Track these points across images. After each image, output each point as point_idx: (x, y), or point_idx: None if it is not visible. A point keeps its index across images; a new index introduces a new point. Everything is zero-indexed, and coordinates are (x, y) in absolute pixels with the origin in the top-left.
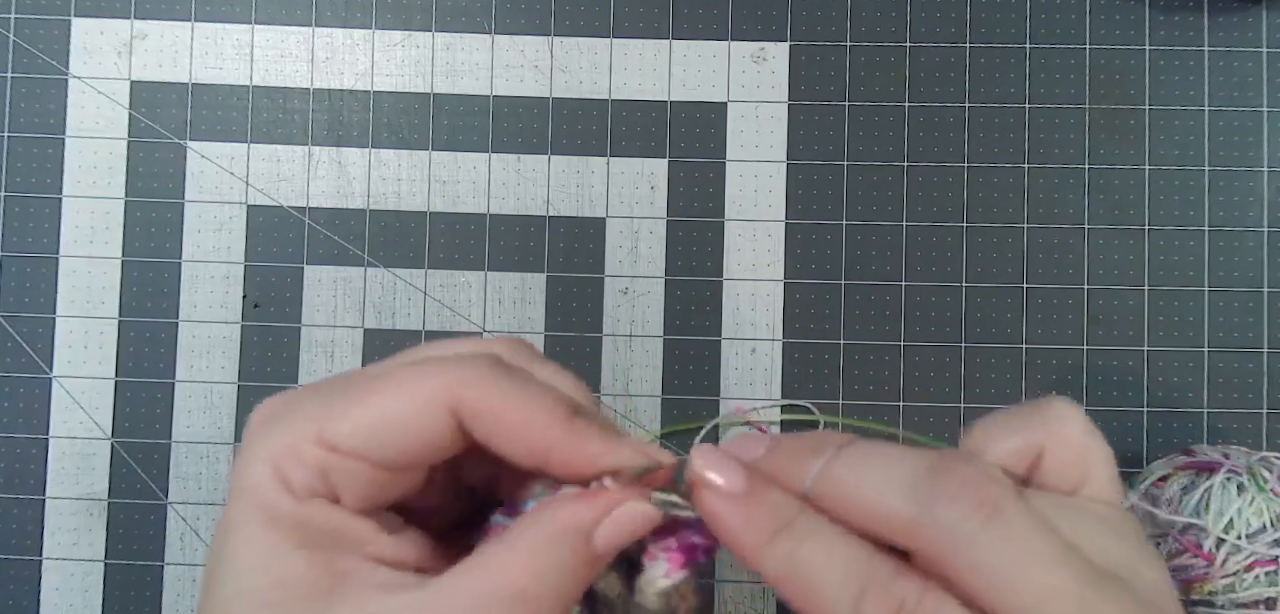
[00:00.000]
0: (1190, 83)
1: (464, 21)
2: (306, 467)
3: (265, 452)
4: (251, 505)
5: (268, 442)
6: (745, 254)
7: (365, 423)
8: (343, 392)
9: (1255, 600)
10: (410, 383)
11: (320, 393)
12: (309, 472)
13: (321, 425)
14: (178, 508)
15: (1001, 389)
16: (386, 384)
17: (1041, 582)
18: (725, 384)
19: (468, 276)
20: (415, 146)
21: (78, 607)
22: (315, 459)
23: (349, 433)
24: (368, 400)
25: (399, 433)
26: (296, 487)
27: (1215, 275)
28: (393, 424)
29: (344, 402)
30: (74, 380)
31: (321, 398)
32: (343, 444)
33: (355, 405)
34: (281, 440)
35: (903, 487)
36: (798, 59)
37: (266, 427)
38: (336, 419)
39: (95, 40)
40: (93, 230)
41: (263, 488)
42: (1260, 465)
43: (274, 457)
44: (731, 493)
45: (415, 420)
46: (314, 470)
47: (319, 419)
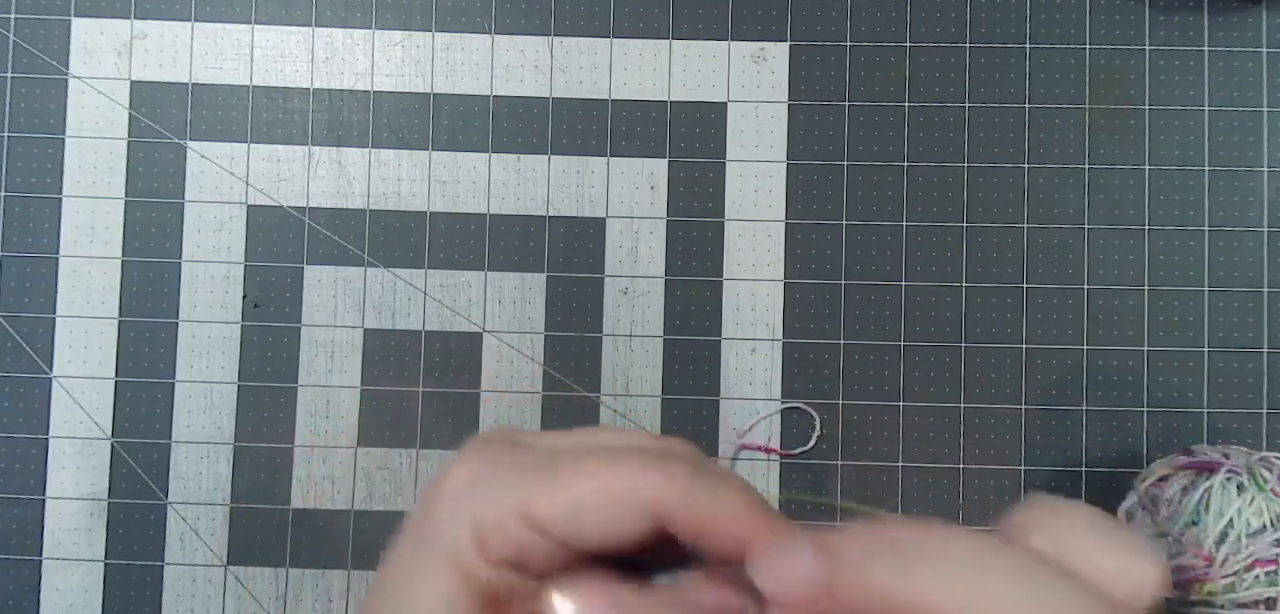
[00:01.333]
0: (1190, 83)
1: (464, 21)
2: (506, 539)
3: (470, 516)
4: (450, 566)
5: (473, 506)
6: (745, 254)
7: (566, 510)
8: (548, 471)
9: (1255, 600)
10: (614, 476)
11: (525, 466)
12: (507, 544)
13: (526, 504)
14: (178, 508)
15: (1001, 389)
16: (591, 472)
17: None
18: (725, 384)
19: (468, 276)
20: (415, 146)
21: (78, 607)
22: (516, 535)
23: (551, 517)
24: (571, 488)
25: (597, 523)
26: (492, 554)
27: (1215, 275)
28: (592, 515)
29: (550, 484)
30: (74, 380)
31: (526, 473)
32: (544, 526)
33: (559, 491)
34: (487, 510)
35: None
36: (798, 59)
37: (472, 489)
38: (541, 502)
39: (95, 40)
40: (93, 230)
41: (463, 550)
42: (1260, 465)
43: (478, 524)
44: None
45: (614, 514)
46: (511, 544)
47: (524, 496)
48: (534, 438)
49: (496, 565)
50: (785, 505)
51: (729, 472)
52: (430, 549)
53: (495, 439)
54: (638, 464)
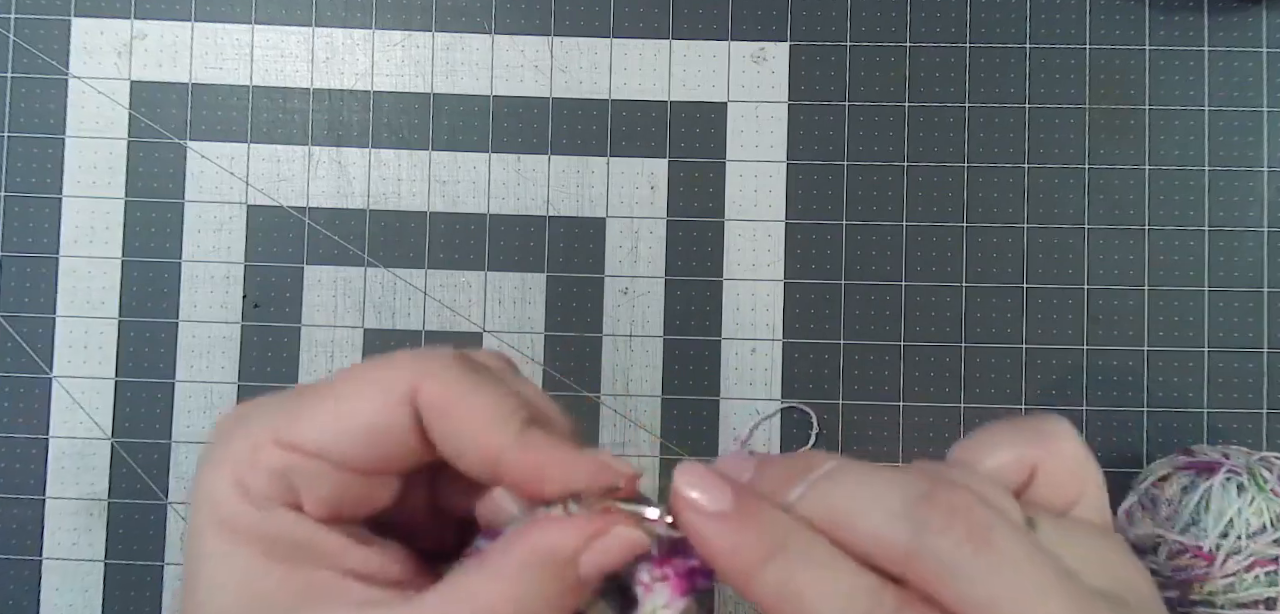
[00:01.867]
0: (1190, 83)
1: (464, 21)
2: (266, 471)
3: (224, 458)
4: (212, 517)
5: (227, 448)
6: (745, 254)
7: (322, 420)
8: (301, 393)
9: (1255, 600)
10: (369, 378)
11: (281, 397)
12: (268, 476)
13: (279, 427)
14: (178, 508)
15: (1001, 389)
16: (345, 381)
17: (1034, 611)
18: (725, 384)
19: (468, 276)
20: (415, 146)
21: (78, 607)
22: (274, 461)
23: (306, 431)
24: (325, 398)
25: (357, 428)
26: (255, 494)
27: (1215, 275)
28: (351, 419)
29: (301, 402)
30: (74, 380)
31: (281, 401)
32: (301, 443)
33: (313, 404)
34: (240, 446)
35: (895, 513)
36: (798, 59)
37: (224, 437)
38: (294, 419)
39: (95, 40)
40: (93, 230)
41: (222, 497)
42: (1260, 465)
43: (233, 463)
44: (719, 513)
45: (373, 415)
46: (273, 474)
47: (277, 421)
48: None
49: (266, 508)
50: None
51: (520, 383)
52: (200, 510)
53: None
54: (396, 359)
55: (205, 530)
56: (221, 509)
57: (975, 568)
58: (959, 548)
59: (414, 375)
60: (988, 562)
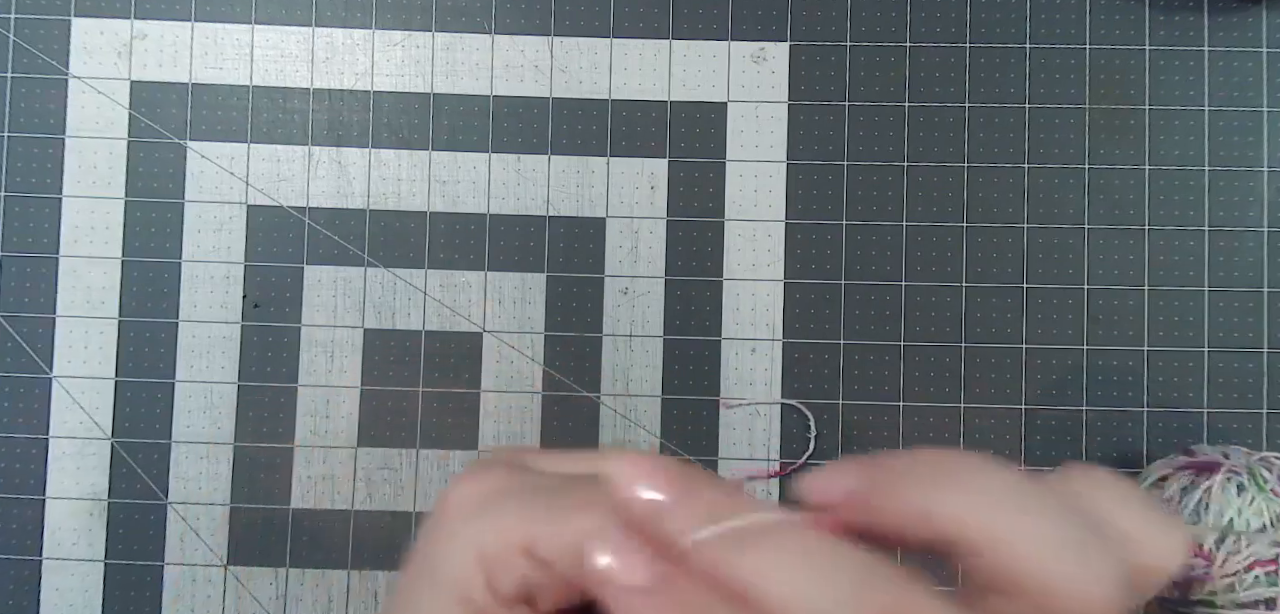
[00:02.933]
0: (1190, 83)
1: (464, 21)
2: (514, 577)
3: (474, 547)
4: (456, 600)
5: (478, 536)
6: (745, 254)
7: (572, 544)
8: (550, 500)
9: (1255, 601)
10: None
11: (532, 495)
12: (516, 580)
13: (532, 537)
14: (178, 508)
15: (1001, 389)
16: (599, 507)
17: None
18: (725, 384)
19: (468, 276)
20: (415, 146)
21: (78, 607)
22: (523, 571)
23: (558, 551)
24: (574, 520)
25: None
26: (503, 592)
27: (1215, 275)
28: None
29: (554, 515)
30: (74, 380)
31: (534, 502)
32: (551, 560)
33: (563, 523)
34: (492, 540)
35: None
36: (798, 59)
37: (475, 517)
38: (547, 535)
39: (95, 40)
40: (93, 230)
41: (471, 584)
42: (1260, 465)
43: (485, 556)
44: (635, 588)
45: None
46: (520, 581)
47: (529, 528)
48: (538, 460)
49: (508, 604)
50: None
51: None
52: (438, 583)
53: (499, 461)
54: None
55: (444, 601)
56: (470, 595)
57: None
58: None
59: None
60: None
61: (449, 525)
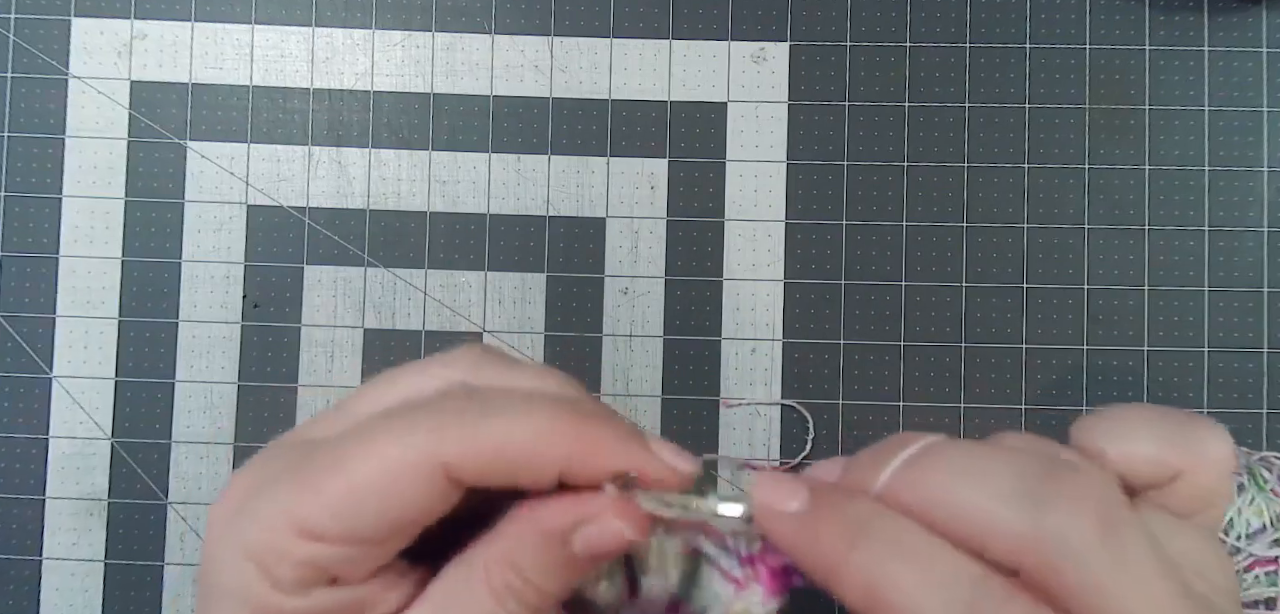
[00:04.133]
0: (1190, 83)
1: (464, 21)
2: (294, 562)
3: (241, 550)
4: (242, 606)
5: (242, 537)
6: (745, 254)
7: (344, 505)
8: (311, 470)
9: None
10: (386, 450)
11: (287, 473)
12: (297, 566)
13: (297, 513)
14: (178, 508)
15: (1001, 389)
16: (359, 453)
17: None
18: (725, 384)
19: (468, 276)
20: (415, 146)
21: (78, 607)
22: (302, 553)
23: (329, 520)
24: (341, 476)
25: (385, 509)
26: (287, 584)
27: (1215, 275)
28: (376, 501)
29: (315, 483)
30: (74, 380)
31: (289, 480)
32: (326, 532)
33: (329, 487)
34: (258, 536)
35: (1013, 493)
36: (798, 59)
37: (235, 520)
38: (311, 506)
39: (95, 40)
40: (93, 230)
41: (252, 590)
42: (1260, 465)
43: (255, 554)
44: (796, 511)
45: (400, 492)
46: (303, 564)
47: (293, 508)
48: (314, 427)
49: (301, 591)
50: None
51: (537, 371)
52: (223, 604)
53: (270, 448)
54: (406, 427)
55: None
56: (253, 600)
57: (1101, 559)
58: (1086, 536)
59: (437, 444)
60: (1113, 555)
61: (212, 539)
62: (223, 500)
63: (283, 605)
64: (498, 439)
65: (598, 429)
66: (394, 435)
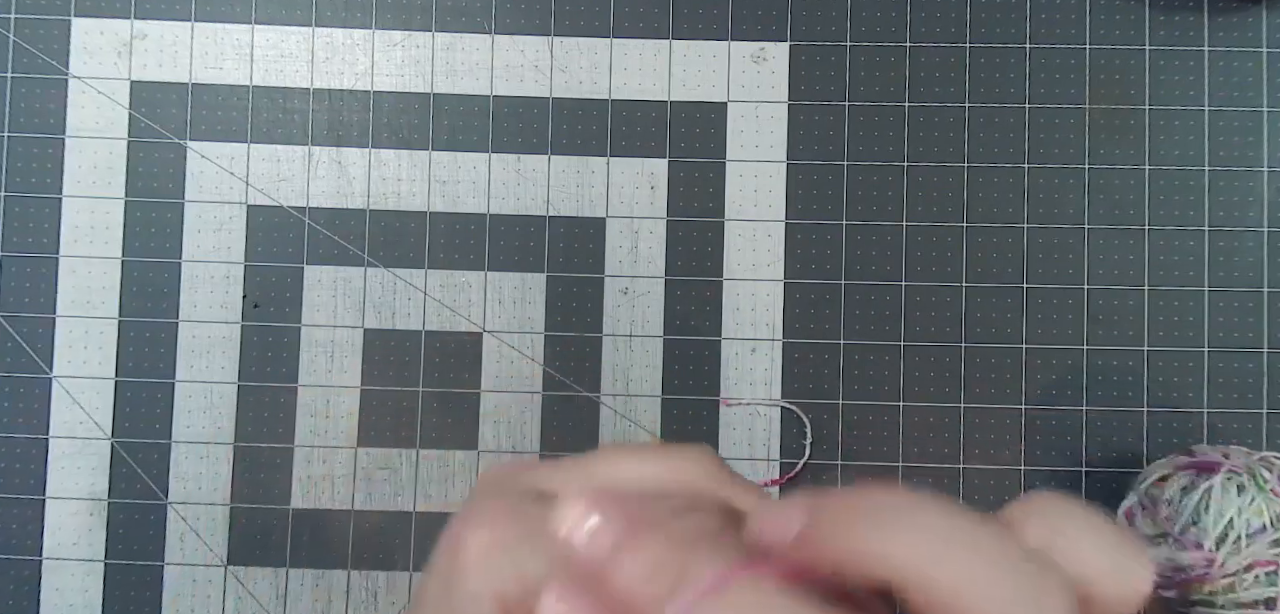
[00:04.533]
0: (1190, 83)
1: (464, 21)
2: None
3: (496, 596)
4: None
5: (499, 584)
6: (745, 254)
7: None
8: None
9: (1255, 601)
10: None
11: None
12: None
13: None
14: (178, 508)
15: (1001, 389)
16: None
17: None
18: (725, 384)
19: (468, 276)
20: (415, 146)
21: (78, 607)
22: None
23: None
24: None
25: None
26: None
27: (1215, 275)
28: None
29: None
30: (74, 380)
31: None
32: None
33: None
34: (515, 589)
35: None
36: (798, 59)
37: (495, 566)
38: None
39: (95, 40)
40: (93, 230)
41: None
42: (1260, 465)
43: (506, 600)
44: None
45: None
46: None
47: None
48: (543, 477)
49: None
50: None
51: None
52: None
53: (504, 486)
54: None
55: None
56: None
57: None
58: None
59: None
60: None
61: (467, 574)
62: (479, 543)
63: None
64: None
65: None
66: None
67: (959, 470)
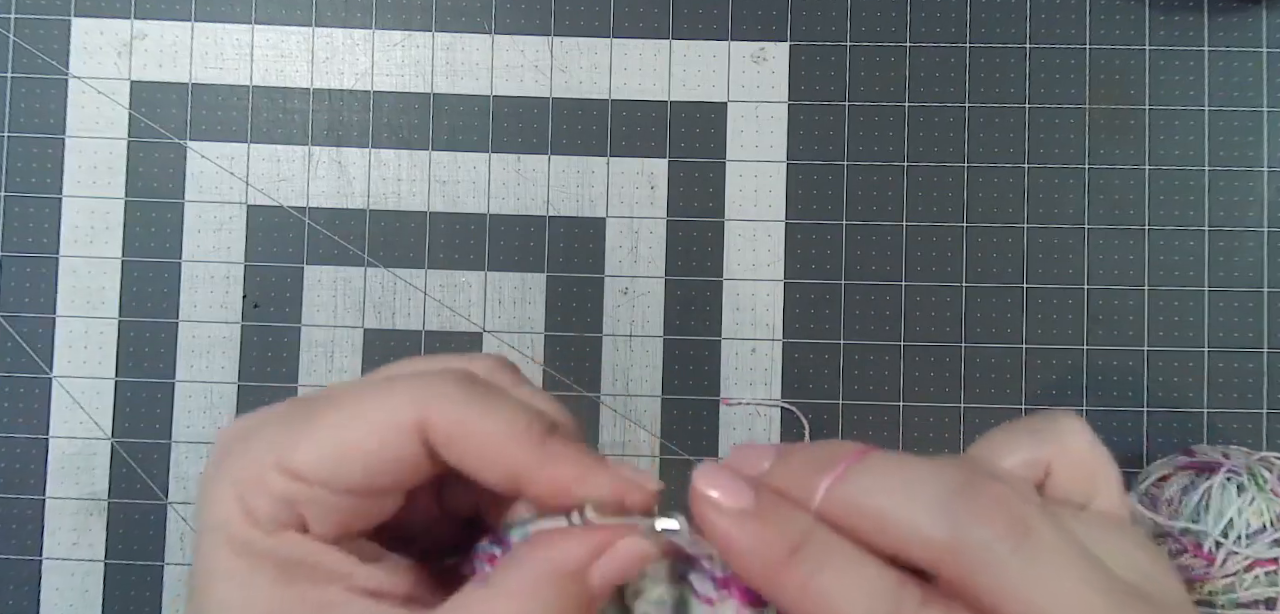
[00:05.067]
0: (1190, 83)
1: (464, 21)
2: (270, 497)
3: (228, 481)
4: (222, 540)
5: (230, 470)
6: (745, 254)
7: (327, 448)
8: (304, 415)
9: (1255, 601)
10: (372, 403)
11: (281, 417)
12: (273, 501)
13: (282, 452)
14: (178, 508)
15: (1001, 389)
16: (348, 406)
17: (1073, 605)
18: (725, 384)
19: (468, 276)
20: (415, 146)
21: (78, 607)
22: (279, 488)
23: (311, 460)
24: (328, 424)
25: (363, 457)
26: (262, 518)
27: (1215, 275)
28: (356, 448)
29: (304, 426)
30: (74, 380)
31: (282, 422)
32: (305, 471)
33: (316, 430)
34: (243, 469)
35: (933, 504)
36: (798, 59)
37: (228, 455)
38: (296, 445)
39: (95, 40)
40: (93, 230)
41: (231, 521)
42: (1260, 465)
43: (237, 485)
44: (738, 510)
45: (379, 443)
46: (278, 500)
47: (279, 445)
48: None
49: (273, 531)
50: None
51: (538, 393)
52: (209, 535)
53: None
54: (398, 385)
55: (216, 550)
56: (231, 530)
57: (1016, 561)
58: (1000, 541)
59: (419, 403)
60: (1028, 555)
61: (207, 473)
62: (219, 440)
63: (255, 541)
64: (472, 421)
65: (562, 447)
66: (382, 392)
67: None
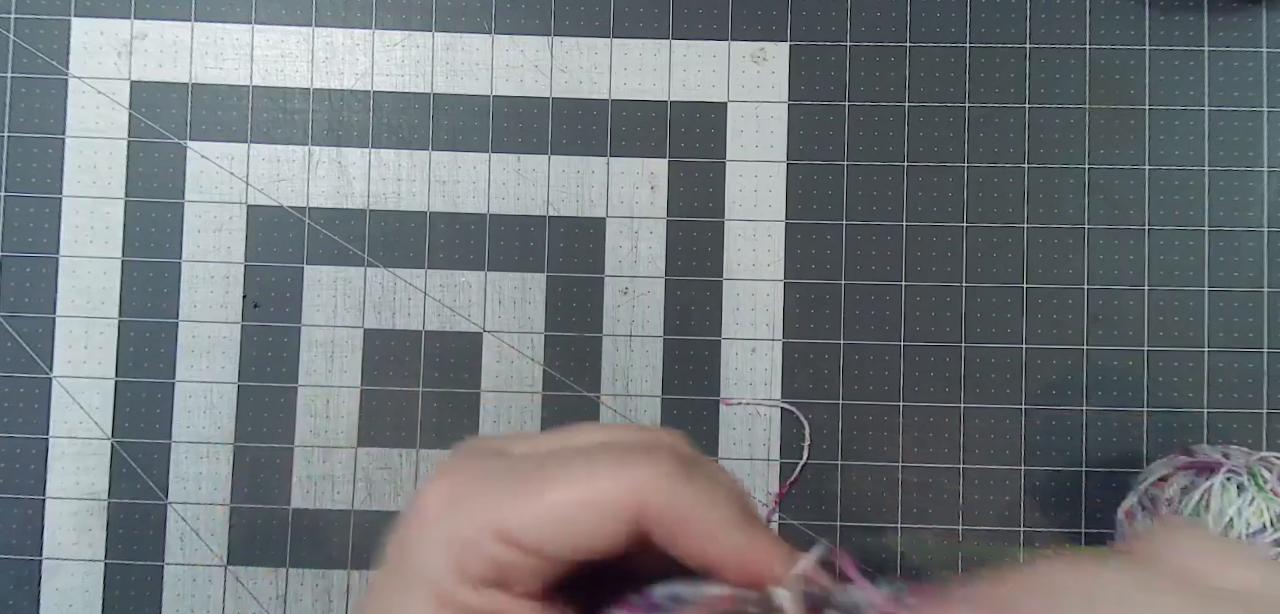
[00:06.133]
0: (1190, 83)
1: (464, 21)
2: (484, 559)
3: (446, 537)
4: (428, 593)
5: (449, 528)
6: (745, 254)
7: (545, 520)
8: (523, 485)
9: None
10: (593, 480)
11: (500, 483)
12: (486, 564)
13: (502, 519)
14: (178, 508)
15: (1001, 389)
16: (568, 478)
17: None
18: (725, 384)
19: (468, 276)
20: (415, 146)
21: (78, 607)
22: (493, 552)
23: (530, 531)
24: (548, 496)
25: (578, 531)
26: (473, 577)
27: (1215, 275)
28: (572, 523)
29: (524, 497)
30: (74, 380)
31: (503, 490)
32: (521, 541)
33: (534, 502)
34: (462, 529)
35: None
36: (798, 59)
37: (446, 511)
38: (517, 514)
39: (95, 40)
40: (93, 230)
41: (443, 576)
42: (1260, 465)
43: (455, 544)
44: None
45: (596, 520)
46: (491, 562)
47: (499, 513)
48: (515, 443)
49: (479, 588)
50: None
51: (719, 472)
52: (410, 580)
53: (474, 451)
54: (616, 468)
55: (420, 599)
56: (441, 585)
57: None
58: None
59: (638, 486)
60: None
61: (421, 520)
62: (436, 488)
63: (465, 598)
64: (688, 507)
65: (763, 532)
66: (601, 470)
67: (959, 470)
